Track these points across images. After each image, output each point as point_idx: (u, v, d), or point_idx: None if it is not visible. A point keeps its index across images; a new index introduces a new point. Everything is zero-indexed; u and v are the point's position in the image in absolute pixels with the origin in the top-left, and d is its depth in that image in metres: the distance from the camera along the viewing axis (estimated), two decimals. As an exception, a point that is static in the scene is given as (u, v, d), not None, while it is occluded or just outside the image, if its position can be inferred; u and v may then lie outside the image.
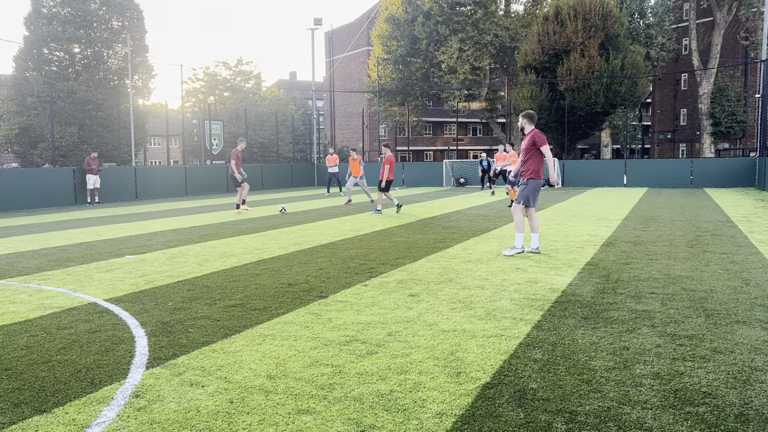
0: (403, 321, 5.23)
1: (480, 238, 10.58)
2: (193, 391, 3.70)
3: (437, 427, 3.15)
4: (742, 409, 3.30)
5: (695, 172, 26.87)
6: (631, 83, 34.65)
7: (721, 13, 43.34)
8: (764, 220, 12.66)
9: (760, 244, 9.36)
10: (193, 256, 9.04)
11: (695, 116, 48.79)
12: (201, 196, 25.97)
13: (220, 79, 51.91)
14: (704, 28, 47.02)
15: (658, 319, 5.14)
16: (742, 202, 17.80)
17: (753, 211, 14.92)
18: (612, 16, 34.85)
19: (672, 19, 44.01)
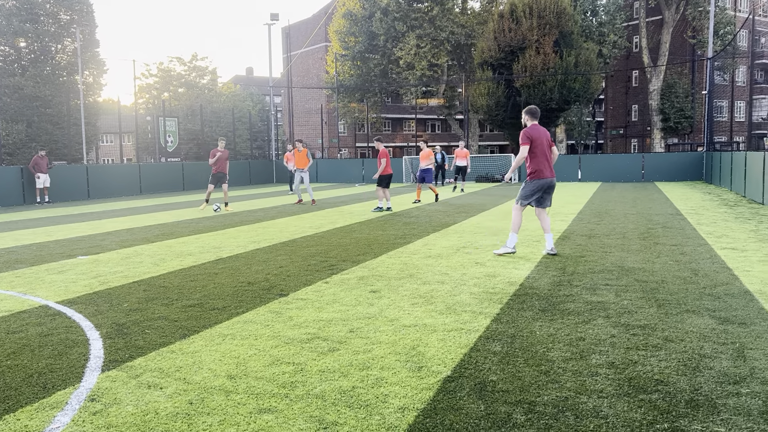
0: (364, 317, 5.24)
1: (440, 234, 10.66)
2: (151, 393, 3.63)
3: (399, 422, 3.17)
4: (692, 395, 3.42)
5: (646, 167, 27.66)
6: (584, 80, 35.40)
7: (670, 12, 44.64)
8: (711, 213, 13.13)
9: (708, 235, 9.71)
10: (148, 256, 8.85)
11: (646, 112, 50.18)
12: (156, 195, 25.43)
13: (175, 75, 50.86)
14: (654, 27, 48.36)
15: (613, 310, 5.28)
16: (690, 195, 18.42)
17: (701, 203, 15.46)
18: (566, 14, 35.50)
19: (623, 17, 45.09)
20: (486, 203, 17.09)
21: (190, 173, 29.24)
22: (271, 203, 18.90)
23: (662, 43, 45.29)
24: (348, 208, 16.53)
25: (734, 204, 15.19)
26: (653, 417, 3.16)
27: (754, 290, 5.88)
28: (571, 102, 36.03)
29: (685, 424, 3.07)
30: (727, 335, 4.49)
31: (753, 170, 16.25)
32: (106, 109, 39.10)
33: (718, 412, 3.20)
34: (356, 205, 17.27)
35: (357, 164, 33.70)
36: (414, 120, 52.28)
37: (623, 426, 3.07)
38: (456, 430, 3.07)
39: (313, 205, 17.55)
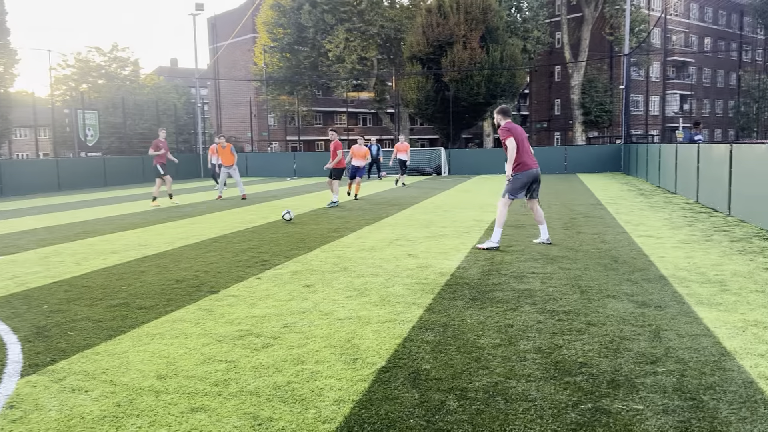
0: (298, 312, 5.21)
1: (373, 227, 10.72)
2: (76, 397, 3.49)
3: (335, 414, 3.19)
4: (613, 376, 3.61)
5: (569, 159, 28.73)
6: (510, 75, 36.34)
7: (589, 9, 46.44)
8: (629, 202, 13.81)
9: (626, 224, 10.21)
10: (69, 255, 8.47)
11: (568, 106, 52.10)
12: (77, 191, 24.29)
13: (94, 66, 48.64)
14: (574, 23, 50.16)
15: (539, 297, 5.48)
16: (610, 185, 19.29)
17: (619, 193, 16.22)
18: (492, 9, 36.30)
19: (546, 14, 46.57)
20: (418, 196, 17.30)
21: (113, 168, 28.09)
22: (199, 198, 18.44)
23: (582, 40, 47.09)
24: (280, 202, 16.35)
25: (650, 194, 16.03)
26: (578, 398, 3.31)
27: (669, 275, 6.25)
28: (498, 96, 36.89)
29: (607, 403, 3.23)
30: (644, 318, 4.75)
31: (666, 162, 17.18)
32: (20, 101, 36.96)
33: (637, 390, 3.39)
34: (288, 200, 17.10)
35: (288, 158, 33.34)
36: (345, 113, 52.18)
37: (550, 408, 3.20)
38: (391, 419, 3.12)
39: (243, 200, 17.24)
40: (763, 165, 9.31)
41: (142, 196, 20.07)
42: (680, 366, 3.73)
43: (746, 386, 3.41)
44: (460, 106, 36.06)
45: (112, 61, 49.32)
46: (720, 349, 4.02)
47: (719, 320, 4.64)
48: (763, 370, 3.64)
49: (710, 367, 3.71)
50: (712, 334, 4.31)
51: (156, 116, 35.67)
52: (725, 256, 7.20)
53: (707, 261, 6.96)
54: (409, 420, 3.10)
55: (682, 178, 15.06)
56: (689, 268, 6.59)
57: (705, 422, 2.99)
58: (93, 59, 48.63)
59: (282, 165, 32.85)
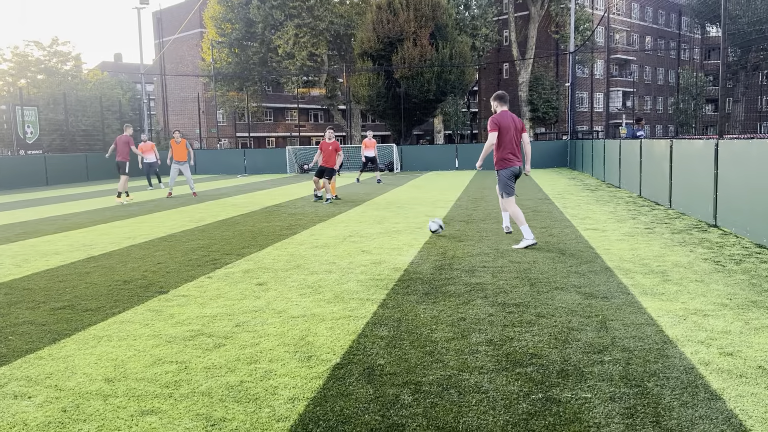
0: (251, 311, 5.15)
1: (326, 224, 10.68)
2: (18, 404, 3.36)
3: (290, 413, 3.17)
4: (562, 366, 3.70)
5: (518, 155, 29.22)
6: (459, 72, 36.73)
7: (535, 8, 47.39)
8: (576, 197, 14.17)
9: (573, 218, 10.48)
10: (9, 257, 8.13)
11: (516, 103, 53.05)
12: (15, 191, 23.31)
13: (33, 60, 46.75)
14: (522, 21, 51.12)
15: (490, 290, 5.58)
16: (557, 180, 19.76)
17: (566, 188, 16.63)
18: (441, 7, 36.59)
19: (494, 11, 47.30)
20: (371, 192, 17.31)
21: (55, 167, 27.08)
22: (146, 196, 17.97)
23: (530, 38, 48.04)
24: (231, 200, 16.10)
25: (595, 188, 16.49)
26: (529, 388, 3.39)
27: (614, 266, 6.45)
28: (448, 93, 37.27)
29: (557, 393, 3.31)
30: (591, 309, 4.89)
31: (610, 157, 17.70)
32: (-49, 96, 35.17)
33: (585, 379, 3.49)
34: (239, 197, 16.85)
35: (238, 154, 32.83)
36: (296, 110, 51.71)
37: (502, 399, 3.26)
38: (346, 415, 3.12)
39: (194, 197, 16.91)
40: (701, 159, 9.71)
41: (86, 195, 19.42)
42: (626, 354, 3.86)
43: (687, 372, 3.55)
44: (411, 102, 36.26)
45: (53, 56, 47.53)
46: (663, 337, 4.18)
47: (662, 309, 4.82)
48: (703, 356, 3.80)
49: (654, 354, 3.85)
50: (656, 323, 4.48)
51: (100, 113, 34.56)
52: (667, 248, 7.48)
53: (650, 252, 7.21)
54: (364, 415, 3.11)
55: (626, 173, 15.55)
56: (633, 259, 6.81)
57: (650, 408, 3.11)
58: (32, 53, 46.76)
59: (232, 162, 32.33)
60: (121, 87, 51.20)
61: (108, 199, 17.50)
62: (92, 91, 44.58)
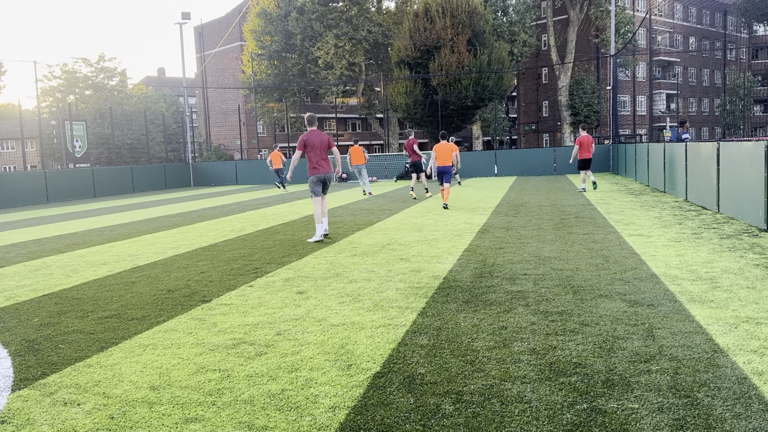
0: (291, 319, 5.19)
1: (365, 232, 10.71)
2: (68, 411, 3.46)
3: (330, 421, 3.17)
4: (608, 375, 3.61)
5: (558, 160, 28.85)
6: (497, 78, 36.49)
7: (575, 12, 46.77)
8: (619, 202, 13.87)
9: (617, 223, 10.25)
10: (59, 267, 8.40)
11: (556, 108, 52.38)
12: (65, 203, 24.12)
13: (81, 77, 48.44)
14: (560, 26, 50.53)
15: (532, 298, 5.49)
16: (599, 186, 19.38)
17: (609, 194, 16.30)
18: (478, 13, 36.47)
19: (532, 16, 46.84)
20: (409, 200, 17.29)
21: (102, 179, 27.94)
22: (189, 207, 18.35)
23: (569, 42, 47.40)
24: (271, 209, 16.31)
25: (639, 193, 16.12)
26: (573, 398, 3.31)
27: (660, 273, 6.27)
28: (486, 99, 37.04)
29: (602, 403, 3.23)
30: (637, 317, 4.76)
31: (654, 161, 17.29)
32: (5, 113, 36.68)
33: (631, 389, 3.39)
34: (279, 207, 17.06)
35: (278, 165, 33.20)
36: (334, 119, 52.17)
37: (546, 409, 3.20)
38: (387, 424, 3.10)
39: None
40: (751, 162, 9.39)
41: (131, 207, 19.95)
42: (674, 364, 3.74)
43: (740, 383, 3.42)
44: (448, 109, 36.17)
45: (99, 72, 49.14)
46: (713, 346, 4.04)
47: (711, 317, 4.67)
48: (756, 366, 3.66)
49: (704, 364, 3.72)
50: (705, 332, 4.33)
51: (144, 126, 35.53)
52: (715, 254, 7.25)
53: (698, 258, 7.00)
54: (405, 425, 3.09)
55: (671, 177, 15.16)
56: (680, 266, 6.62)
57: (700, 419, 3.00)
58: (80, 70, 48.45)
59: (272, 172, 32.73)
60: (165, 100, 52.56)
61: (153, 210, 17.91)
62: (137, 106, 45.90)
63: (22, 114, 28.53)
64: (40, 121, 29.97)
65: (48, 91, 47.92)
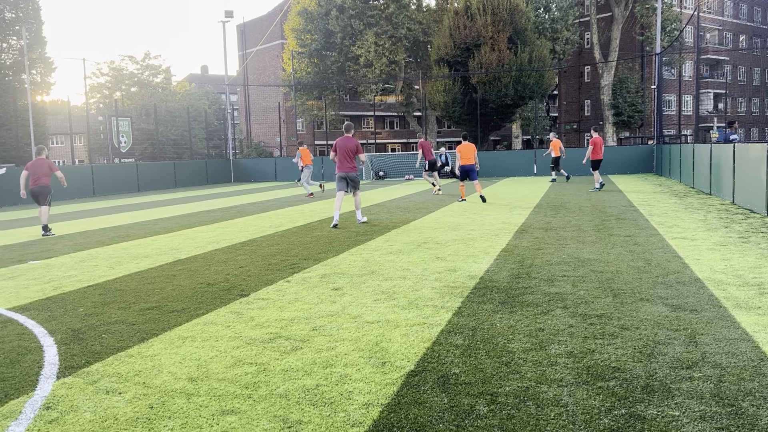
0: (327, 315, 5.23)
1: (401, 230, 10.71)
2: (110, 399, 3.55)
3: (364, 418, 3.18)
4: (648, 381, 3.53)
5: (600, 160, 28.26)
6: (538, 76, 35.99)
7: (619, 9, 45.78)
8: (662, 204, 13.54)
9: (659, 226, 10.00)
10: (103, 259, 8.64)
11: (598, 107, 51.38)
12: (111, 197, 24.80)
13: (127, 74, 49.70)
14: (604, 23, 49.52)
15: (570, 300, 5.40)
16: (642, 187, 18.95)
17: (652, 195, 15.92)
18: (519, 10, 36.02)
19: (575, 13, 46.04)
20: (445, 199, 17.22)
21: (145, 174, 28.62)
22: (229, 203, 18.65)
23: (612, 40, 46.43)
24: (309, 206, 16.45)
25: (684, 195, 15.70)
26: (611, 403, 3.25)
27: (704, 278, 6.10)
28: (526, 98, 36.58)
29: (641, 409, 3.16)
30: (679, 322, 4.64)
31: (700, 162, 16.81)
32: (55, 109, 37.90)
33: (672, 396, 3.31)
34: (317, 204, 17.19)
35: (316, 162, 33.52)
36: (372, 117, 52.31)
37: (583, 413, 3.14)
38: (420, 423, 3.10)
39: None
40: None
41: (173, 201, 20.39)
42: (718, 371, 3.63)
43: (787, 392, 3.30)
44: (487, 108, 35.85)
45: (145, 69, 50.34)
46: (759, 354, 3.90)
47: (758, 324, 4.51)
48: (805, 375, 3.52)
49: (749, 372, 3.60)
50: (751, 339, 4.19)
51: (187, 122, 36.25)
52: (764, 258, 7.01)
53: (745, 263, 6.77)
54: (438, 424, 3.08)
55: (717, 179, 14.71)
56: (726, 270, 6.42)
57: (744, 429, 2.91)
58: (126, 67, 49.71)
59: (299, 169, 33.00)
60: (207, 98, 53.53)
61: (194, 205, 18.27)
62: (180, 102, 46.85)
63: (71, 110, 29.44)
64: (88, 117, 30.88)
65: (96, 87, 49.32)
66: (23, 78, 32.38)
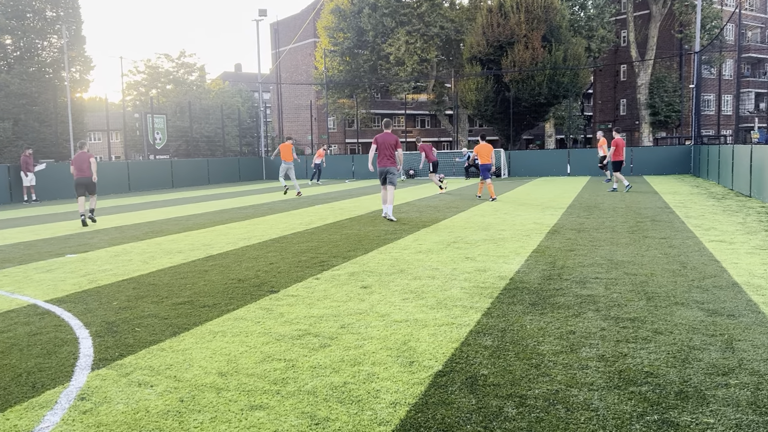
0: (355, 313, 5.24)
1: (430, 229, 10.67)
2: (142, 392, 3.62)
3: (391, 417, 3.17)
4: (681, 387, 3.44)
5: (635, 161, 27.80)
6: (573, 74, 35.50)
7: (657, 7, 44.85)
8: (699, 206, 13.22)
9: (696, 228, 9.77)
10: (137, 254, 8.80)
11: (634, 106, 50.45)
12: (145, 192, 25.28)
13: (162, 72, 50.55)
14: (641, 21, 48.57)
15: (602, 303, 5.31)
16: (678, 188, 18.54)
17: (689, 197, 15.56)
18: (554, 8, 35.57)
19: (611, 11, 45.27)
20: (475, 199, 17.11)
21: (179, 170, 29.10)
22: (261, 200, 18.84)
23: (650, 38, 45.50)
24: (339, 204, 16.51)
25: (722, 197, 15.31)
26: (643, 409, 3.18)
27: (742, 282, 5.93)
28: (560, 96, 36.12)
29: (674, 416, 3.09)
30: (715, 327, 4.52)
31: (740, 163, 16.37)
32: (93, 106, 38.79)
33: (707, 403, 3.22)
34: (347, 201, 17.25)
35: (347, 160, 33.64)
36: (403, 116, 52.26)
37: (614, 418, 3.08)
38: (447, 424, 3.08)
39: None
40: None
41: (206, 197, 20.68)
42: (755, 379, 3.53)
43: (829, 403, 3.18)
44: (520, 106, 35.50)
45: (180, 67, 51.12)
46: (800, 362, 3.78)
47: (799, 331, 4.37)
48: None
49: (789, 381, 3.49)
50: (791, 346, 4.06)
51: (221, 120, 36.72)
52: (805, 264, 6.79)
53: (785, 268, 6.57)
54: (465, 426, 3.06)
55: (758, 181, 14.31)
56: (765, 275, 6.24)
57: (783, 440, 2.82)
58: (162, 65, 50.55)
59: (341, 167, 33.18)
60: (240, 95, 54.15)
61: (227, 201, 18.50)
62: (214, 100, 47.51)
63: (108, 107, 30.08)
64: (125, 114, 31.52)
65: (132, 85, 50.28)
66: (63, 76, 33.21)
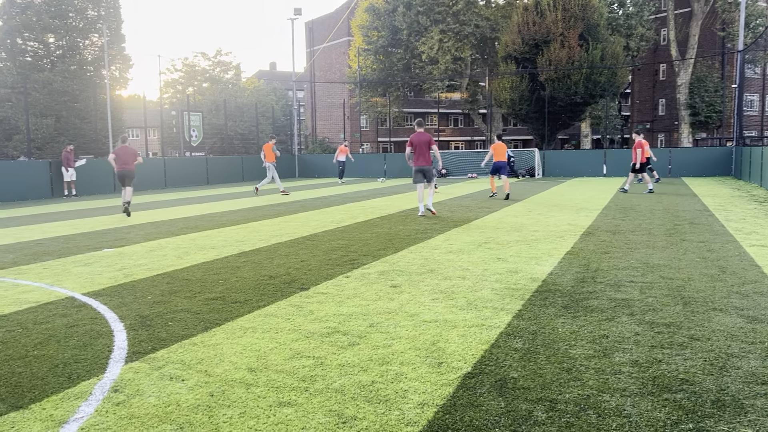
0: (384, 312, 5.23)
1: (461, 229, 10.61)
2: (173, 385, 3.67)
3: (419, 418, 3.16)
4: (718, 395, 3.35)
5: (674, 162, 27.19)
6: (610, 73, 34.87)
7: (699, 4, 43.75)
8: (740, 209, 12.85)
9: (737, 232, 9.50)
10: (172, 249, 8.95)
11: (674, 106, 49.33)
12: (181, 189, 25.71)
13: (199, 70, 51.38)
14: (682, 19, 47.45)
15: (637, 307, 5.20)
16: (719, 191, 18.06)
17: (729, 200, 15.14)
18: (591, 6, 35.00)
19: (651, 9, 44.32)
20: (509, 200, 16.94)
21: (214, 167, 29.52)
22: (293, 197, 18.98)
23: (691, 36, 44.42)
24: (369, 203, 16.54)
25: (764, 200, 14.85)
26: (678, 417, 3.10)
27: (784, 288, 5.74)
28: (597, 96, 35.52)
29: (710, 425, 3.00)
30: (755, 334, 4.38)
31: (784, 166, 15.85)
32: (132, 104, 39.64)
33: (745, 412, 3.13)
34: (378, 200, 17.27)
35: (379, 159, 33.66)
36: (437, 114, 52.09)
37: (647, 425, 3.01)
38: (476, 426, 3.05)
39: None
40: None
41: (241, 195, 20.93)
42: (797, 389, 3.41)
43: None
44: (556, 106, 35.04)
45: (216, 66, 51.89)
46: None
47: (844, 341, 4.21)
48: None
49: (833, 392, 3.36)
50: (836, 356, 3.91)
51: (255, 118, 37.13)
52: None
53: (831, 275, 6.34)
54: (494, 429, 3.02)
55: (803, 184, 13.83)
56: (809, 282, 6.03)
57: (826, 453, 2.71)
58: (198, 64, 51.39)
59: (373, 166, 33.22)
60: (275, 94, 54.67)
61: (259, 198, 18.69)
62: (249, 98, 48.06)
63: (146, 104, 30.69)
64: (162, 112, 32.12)
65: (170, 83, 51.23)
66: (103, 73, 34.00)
